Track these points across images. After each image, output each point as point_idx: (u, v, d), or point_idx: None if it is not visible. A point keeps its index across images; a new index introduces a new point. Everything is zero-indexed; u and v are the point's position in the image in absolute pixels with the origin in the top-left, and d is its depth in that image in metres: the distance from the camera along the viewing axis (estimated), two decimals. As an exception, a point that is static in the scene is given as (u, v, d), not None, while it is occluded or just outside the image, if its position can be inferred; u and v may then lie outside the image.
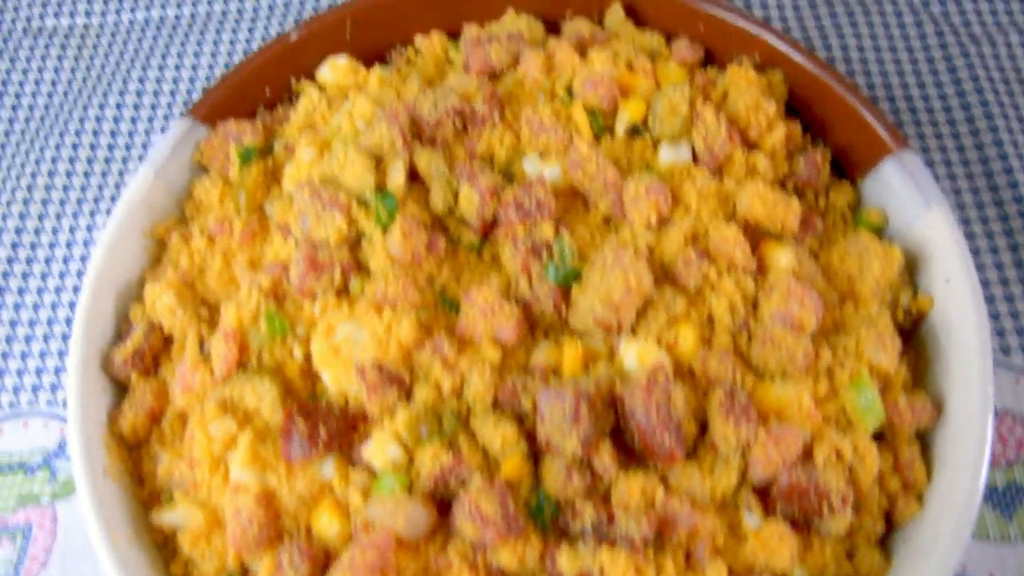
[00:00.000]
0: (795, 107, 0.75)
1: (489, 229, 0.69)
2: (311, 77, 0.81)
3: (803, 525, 0.59)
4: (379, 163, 0.69)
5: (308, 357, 0.64)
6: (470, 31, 0.81)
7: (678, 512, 0.58)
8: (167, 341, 0.70)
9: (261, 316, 0.65)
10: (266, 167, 0.74)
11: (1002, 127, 0.87)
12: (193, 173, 0.76)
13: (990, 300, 0.79)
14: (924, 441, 0.64)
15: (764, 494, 0.60)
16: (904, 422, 0.62)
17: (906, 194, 0.68)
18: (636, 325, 0.63)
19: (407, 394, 0.62)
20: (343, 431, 0.61)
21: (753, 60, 0.76)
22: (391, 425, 0.60)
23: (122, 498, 0.64)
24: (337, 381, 0.62)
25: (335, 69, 0.79)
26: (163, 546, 0.65)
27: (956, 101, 0.88)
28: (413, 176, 0.69)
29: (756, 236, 0.68)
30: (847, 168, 0.74)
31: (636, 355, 0.62)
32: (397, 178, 0.68)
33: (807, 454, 0.60)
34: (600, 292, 0.62)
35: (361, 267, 0.67)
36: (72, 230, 0.90)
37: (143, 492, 0.66)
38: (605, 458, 0.59)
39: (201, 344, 0.68)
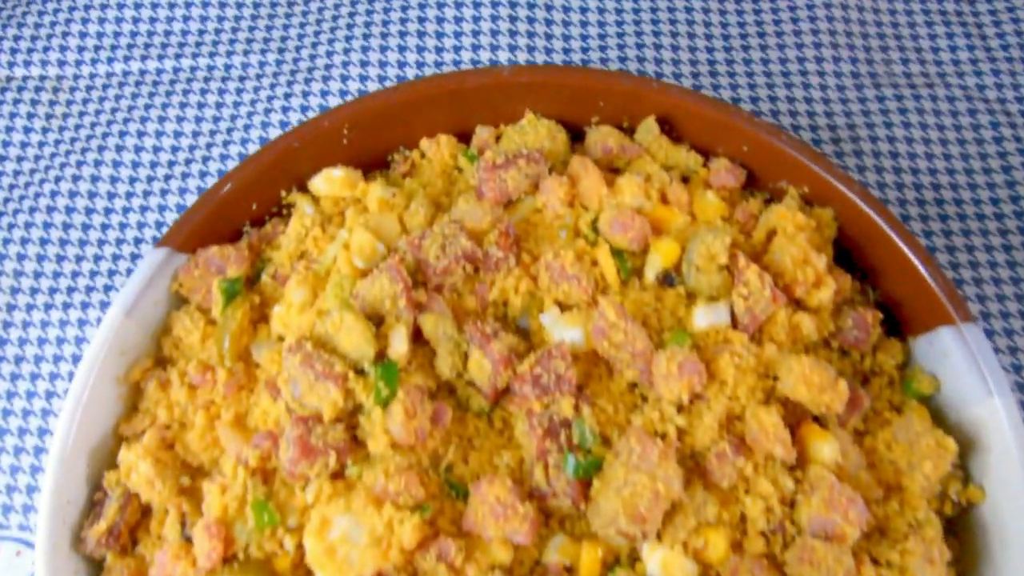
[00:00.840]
0: (843, 244, 0.68)
1: (501, 395, 0.62)
2: (302, 187, 0.72)
3: None
4: (380, 323, 0.61)
5: (300, 547, 0.59)
6: (483, 135, 0.73)
7: None
8: (146, 511, 0.64)
9: (248, 505, 0.59)
10: (252, 303, 0.67)
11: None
12: (171, 305, 0.69)
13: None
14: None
15: None
16: (951, 652, 0.57)
17: (966, 373, 0.61)
18: (662, 529, 0.57)
19: (409, 606, 0.56)
20: (339, 647, 0.56)
21: (800, 191, 0.68)
22: (391, 645, 0.55)
23: None
24: (332, 584, 0.57)
25: (330, 182, 0.71)
26: None
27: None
28: (416, 335, 0.62)
29: (797, 415, 0.61)
30: (899, 321, 0.67)
31: (661, 564, 0.57)
32: (399, 347, 0.60)
33: None
34: (624, 496, 0.56)
35: (359, 444, 0.60)
36: (44, 324, 0.83)
37: None
38: None
39: (183, 522, 0.62)
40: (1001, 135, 0.81)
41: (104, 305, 0.82)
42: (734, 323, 0.63)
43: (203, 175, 0.86)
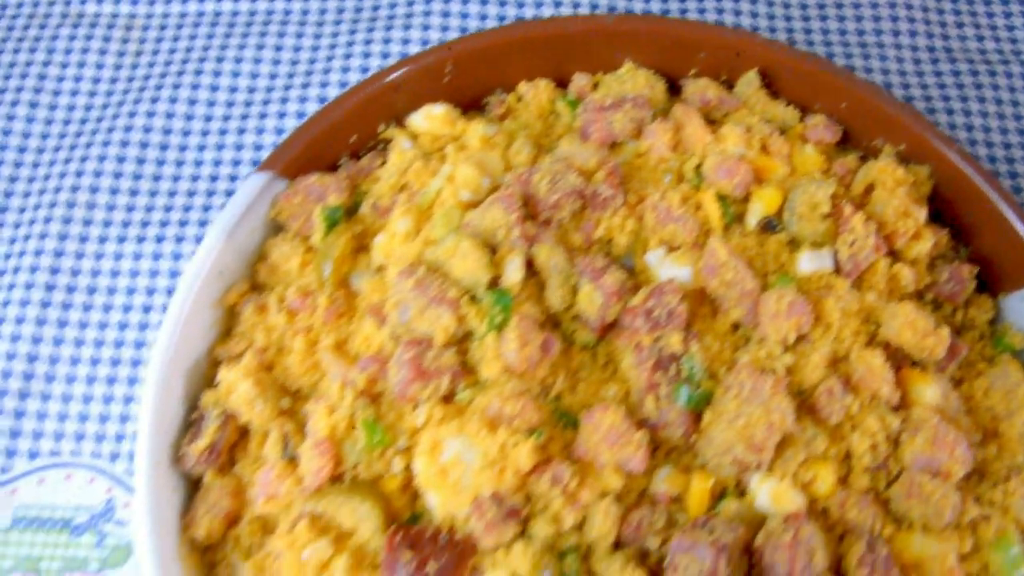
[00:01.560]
0: (938, 205, 0.69)
1: (606, 330, 0.63)
2: (400, 122, 0.72)
3: None
4: (494, 253, 0.62)
5: (408, 469, 0.59)
6: (581, 82, 0.73)
7: (810, 677, 0.54)
8: (244, 432, 0.63)
9: (358, 424, 0.59)
10: (353, 232, 0.67)
11: None
12: (267, 232, 0.69)
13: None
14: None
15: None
16: (1050, 587, 0.58)
17: (1060, 327, 0.63)
18: (772, 461, 0.58)
19: (524, 526, 0.56)
20: (453, 565, 0.55)
21: (896, 149, 0.69)
22: (508, 563, 0.55)
23: (197, 613, 0.59)
24: (444, 506, 0.57)
25: (431, 118, 0.71)
26: (241, 662, 0.60)
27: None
28: (529, 266, 0.62)
29: (897, 359, 0.62)
30: (990, 280, 0.68)
31: (771, 495, 0.58)
32: (514, 275, 0.61)
33: (948, 618, 0.56)
34: (738, 427, 0.57)
35: (468, 370, 0.60)
36: (117, 256, 0.82)
37: (218, 601, 0.61)
38: (738, 616, 0.54)
39: (285, 443, 0.61)
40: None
41: (179, 240, 0.82)
42: (836, 269, 0.64)
43: (281, 115, 0.86)
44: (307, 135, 0.68)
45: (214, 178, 0.84)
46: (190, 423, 0.63)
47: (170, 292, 0.80)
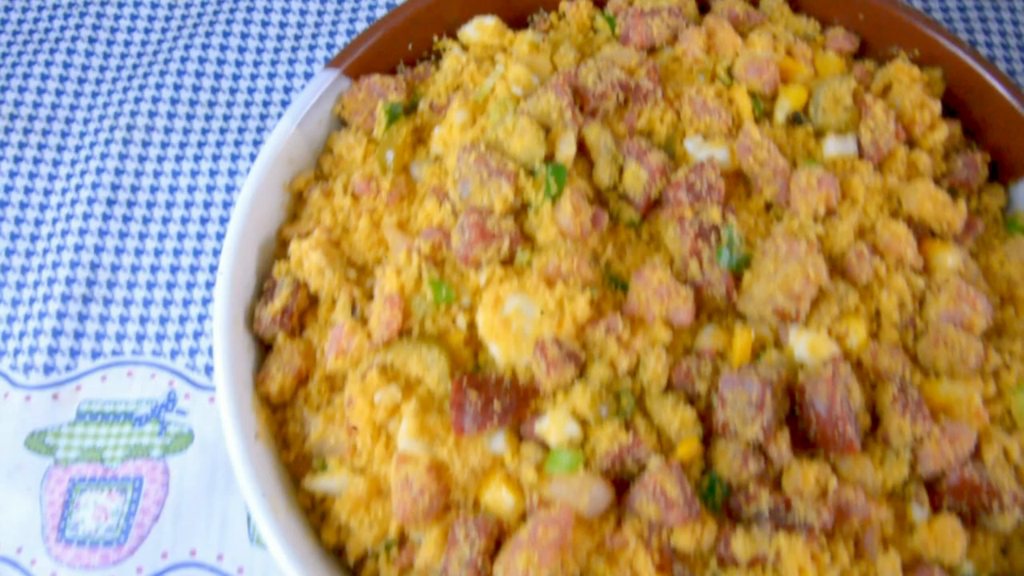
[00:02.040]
0: (950, 105, 0.75)
1: (649, 208, 0.68)
2: (452, 36, 0.78)
3: (969, 520, 0.60)
4: (547, 133, 0.67)
5: (472, 326, 0.63)
6: (616, 2, 0.79)
7: (851, 502, 0.58)
8: (313, 300, 0.68)
9: (424, 283, 0.63)
10: (413, 127, 0.72)
11: None
12: (332, 126, 0.74)
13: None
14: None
15: (931, 489, 0.61)
16: (1068, 428, 0.63)
17: (1068, 206, 0.68)
18: (807, 317, 0.63)
19: (581, 371, 0.61)
20: (516, 406, 0.60)
21: (911, 54, 0.75)
22: (569, 402, 0.59)
23: (273, 463, 0.62)
24: (506, 354, 0.61)
25: (482, 29, 0.77)
26: (310, 511, 0.63)
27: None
28: (578, 149, 0.68)
29: (919, 234, 0.67)
30: (1000, 171, 0.74)
31: (808, 346, 0.62)
32: (568, 150, 0.66)
33: (975, 452, 0.60)
34: (778, 281, 0.62)
35: (526, 237, 0.65)
36: (175, 173, 0.86)
37: (288, 455, 0.64)
38: (782, 446, 0.59)
39: (353, 307, 0.65)
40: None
41: (235, 158, 0.87)
42: (860, 154, 0.70)
43: (330, 47, 0.91)
44: (370, 39, 0.73)
45: (267, 103, 0.89)
46: (263, 292, 0.67)
47: (227, 206, 0.84)
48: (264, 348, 0.67)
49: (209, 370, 0.78)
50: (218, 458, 0.75)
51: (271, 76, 0.90)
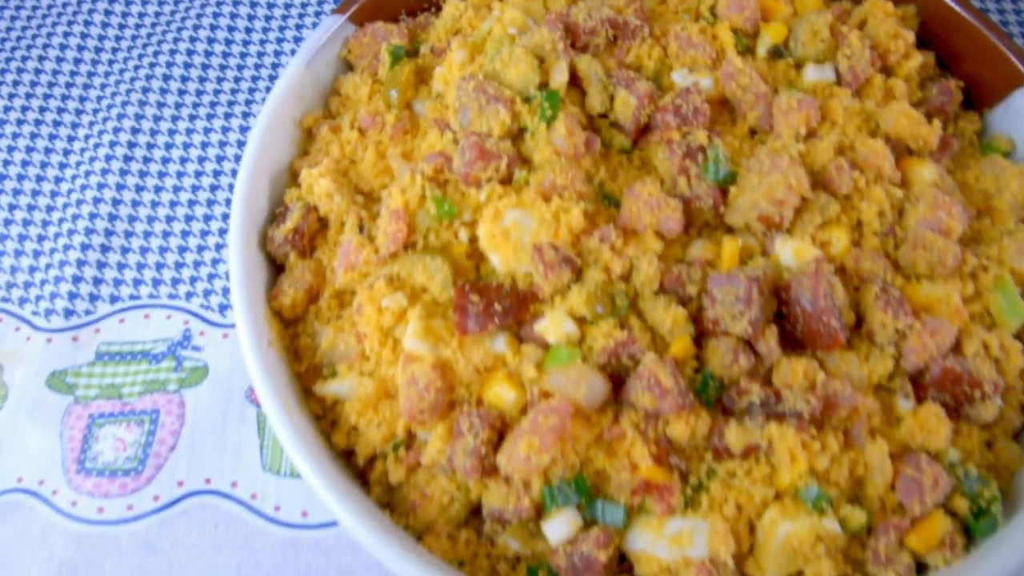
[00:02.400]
0: (926, 39, 0.79)
1: (640, 134, 0.71)
2: (452, -12, 0.82)
3: (953, 410, 0.62)
4: (541, 64, 0.71)
5: (473, 240, 0.66)
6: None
7: (839, 393, 0.60)
8: (322, 224, 0.71)
9: (428, 200, 0.67)
10: (415, 67, 0.76)
11: None
12: (339, 69, 0.78)
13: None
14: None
15: (915, 383, 0.63)
16: (1044, 325, 0.66)
17: (1038, 121, 0.72)
18: (791, 226, 0.66)
19: (577, 276, 0.64)
20: (516, 308, 0.63)
21: (887, -7, 0.79)
22: (566, 302, 0.62)
23: (285, 372, 0.65)
24: (506, 262, 0.64)
25: (479, -21, 0.81)
26: (320, 418, 0.66)
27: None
28: (571, 80, 0.71)
29: (897, 153, 0.71)
30: (975, 100, 0.78)
31: (793, 252, 0.65)
32: (560, 77, 0.70)
33: (956, 347, 0.63)
34: (762, 191, 0.65)
35: (523, 159, 0.69)
36: (188, 131, 0.90)
37: (299, 367, 0.67)
38: (771, 341, 0.62)
39: (360, 226, 0.69)
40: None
41: (246, 116, 0.91)
42: (838, 82, 0.73)
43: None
44: (373, -12, 0.78)
45: (275, 66, 0.93)
46: (275, 217, 0.71)
47: (239, 160, 0.88)
48: (278, 270, 0.70)
49: (223, 308, 0.81)
50: (232, 390, 0.78)
51: (279, 41, 0.95)
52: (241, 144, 0.89)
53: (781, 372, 0.61)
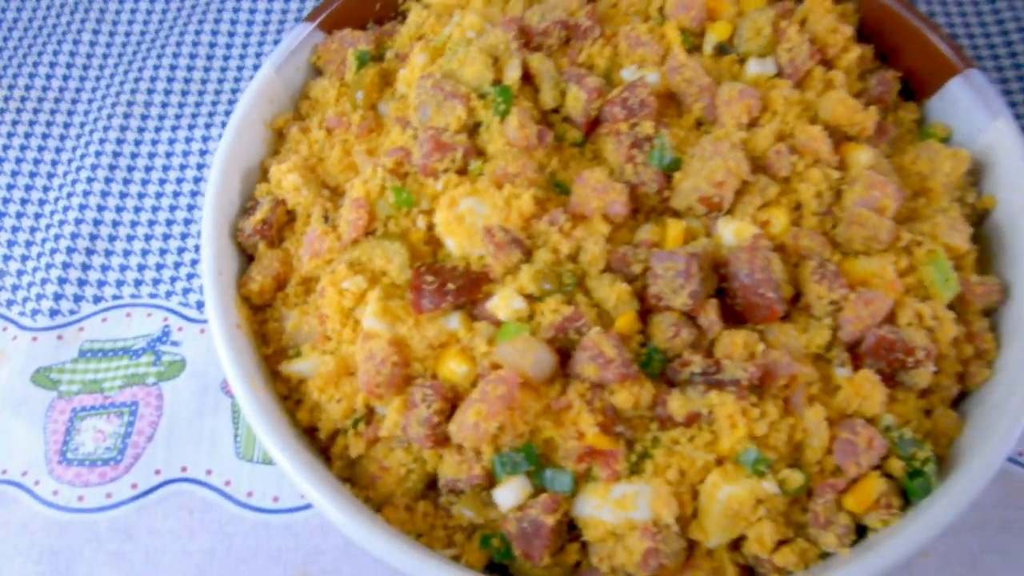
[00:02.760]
0: (866, 35, 0.83)
1: (591, 128, 0.75)
2: (416, -2, 0.87)
3: (889, 378, 0.65)
4: (495, 63, 0.75)
5: (431, 227, 0.70)
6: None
7: (778, 361, 0.63)
8: (290, 217, 0.75)
9: (388, 190, 0.70)
10: (380, 71, 0.80)
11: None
12: (309, 75, 0.82)
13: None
14: (992, 322, 0.70)
15: (852, 353, 0.66)
16: (975, 296, 0.69)
17: (971, 108, 0.75)
18: (732, 207, 0.69)
19: (527, 257, 0.67)
20: (469, 288, 0.66)
21: (826, -6, 0.83)
22: (515, 281, 0.65)
23: (252, 354, 0.69)
24: (461, 247, 0.68)
25: (441, -11, 0.85)
26: (286, 398, 0.69)
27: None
28: (524, 78, 0.75)
29: (836, 139, 0.74)
30: (914, 91, 0.81)
31: (734, 232, 0.68)
32: (513, 74, 0.73)
33: (891, 318, 0.66)
34: (704, 174, 0.69)
35: (478, 151, 0.72)
36: (171, 141, 0.95)
37: (267, 349, 0.71)
38: (711, 314, 0.65)
39: (325, 217, 0.73)
40: None
41: (212, 126, 0.95)
42: (779, 74, 0.77)
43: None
44: (341, -4, 0.82)
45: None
46: (246, 210, 0.75)
47: (217, 166, 0.92)
48: (248, 260, 0.74)
49: (201, 305, 0.85)
50: (208, 383, 0.81)
51: (258, 55, 1.00)
52: (221, 153, 0.93)
53: (722, 344, 0.64)
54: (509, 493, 0.62)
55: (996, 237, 0.73)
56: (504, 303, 0.65)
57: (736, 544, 0.63)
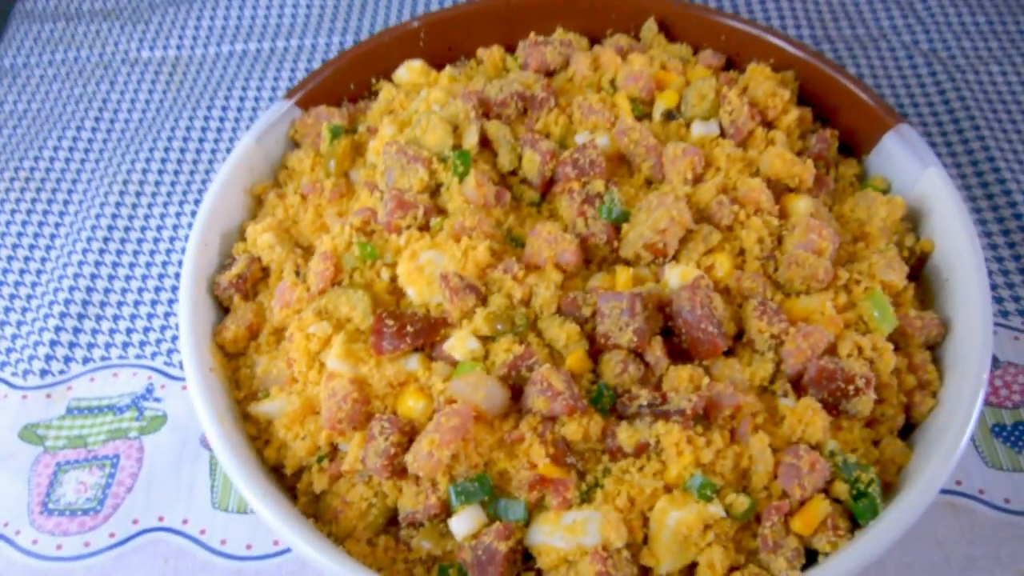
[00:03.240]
0: (806, 100, 0.89)
1: (547, 188, 0.80)
2: (388, 78, 0.94)
3: (833, 408, 0.68)
4: (455, 130, 0.81)
5: (394, 279, 0.74)
6: (525, 49, 0.96)
7: (722, 393, 0.66)
8: (265, 273, 0.80)
9: (354, 244, 0.75)
10: (352, 142, 0.86)
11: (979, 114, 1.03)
12: (287, 147, 0.88)
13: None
14: (935, 355, 0.73)
15: (797, 387, 0.69)
16: (915, 330, 0.72)
17: (905, 160, 0.81)
18: (678, 254, 0.74)
19: (483, 303, 0.71)
20: (427, 331, 0.70)
21: (768, 63, 0.90)
22: (470, 324, 0.69)
23: (224, 397, 0.72)
24: (421, 294, 0.72)
25: (410, 70, 0.93)
26: (255, 439, 0.72)
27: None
28: (484, 143, 0.81)
29: (777, 192, 0.79)
30: (854, 149, 0.87)
31: (679, 275, 0.72)
32: (471, 139, 0.80)
33: (832, 350, 0.69)
34: (648, 223, 0.73)
35: (440, 211, 0.77)
36: (162, 216, 1.01)
37: (239, 394, 0.74)
38: (657, 351, 0.68)
39: (297, 272, 0.77)
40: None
41: (179, 215, 1.02)
42: (722, 135, 0.83)
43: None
44: (319, 77, 0.90)
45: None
46: (224, 266, 0.80)
47: (205, 237, 0.98)
48: (224, 312, 0.78)
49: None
50: (187, 436, 0.85)
51: (216, 141, 1.07)
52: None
53: (669, 379, 0.68)
54: (464, 522, 0.64)
55: (935, 277, 0.77)
56: (459, 344, 0.68)
57: (689, 571, 0.64)
